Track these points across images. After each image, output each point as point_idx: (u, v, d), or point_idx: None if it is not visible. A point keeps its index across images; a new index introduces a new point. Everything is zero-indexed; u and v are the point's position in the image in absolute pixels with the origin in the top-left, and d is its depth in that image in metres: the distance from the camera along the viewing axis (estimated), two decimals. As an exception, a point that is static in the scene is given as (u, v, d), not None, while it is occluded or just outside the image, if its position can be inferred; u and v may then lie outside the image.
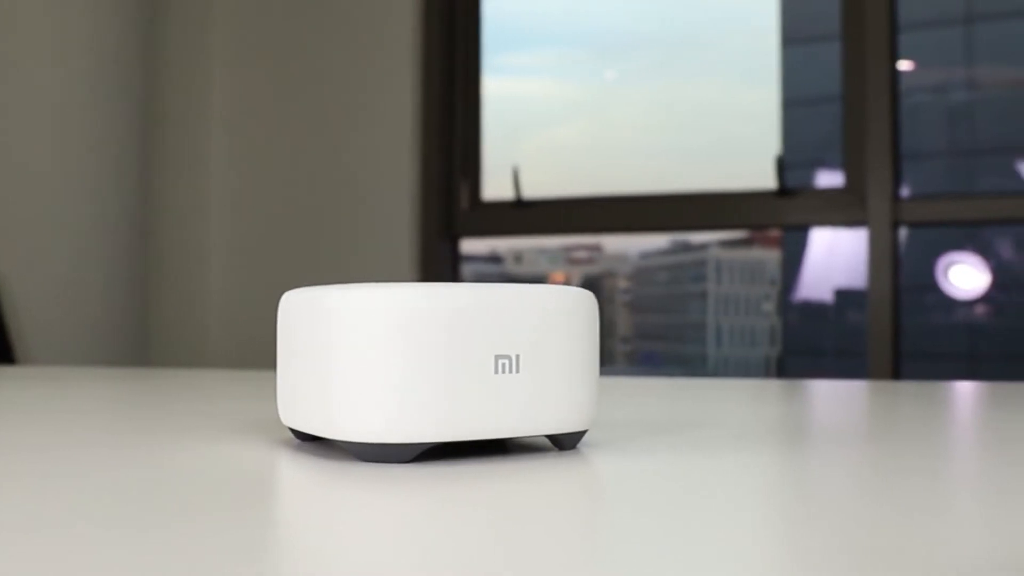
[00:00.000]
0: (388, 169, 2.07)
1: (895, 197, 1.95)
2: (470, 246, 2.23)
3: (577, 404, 0.41)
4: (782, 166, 2.04)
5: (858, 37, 1.99)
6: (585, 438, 0.46)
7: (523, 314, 0.39)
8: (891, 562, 0.24)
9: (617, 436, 0.47)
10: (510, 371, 0.39)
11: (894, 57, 1.99)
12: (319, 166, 2.09)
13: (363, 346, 0.38)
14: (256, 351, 2.07)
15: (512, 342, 0.39)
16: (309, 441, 0.44)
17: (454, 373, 0.38)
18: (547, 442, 0.44)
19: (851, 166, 2.00)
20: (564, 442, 0.41)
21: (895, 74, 1.98)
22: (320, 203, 2.08)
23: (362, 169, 2.07)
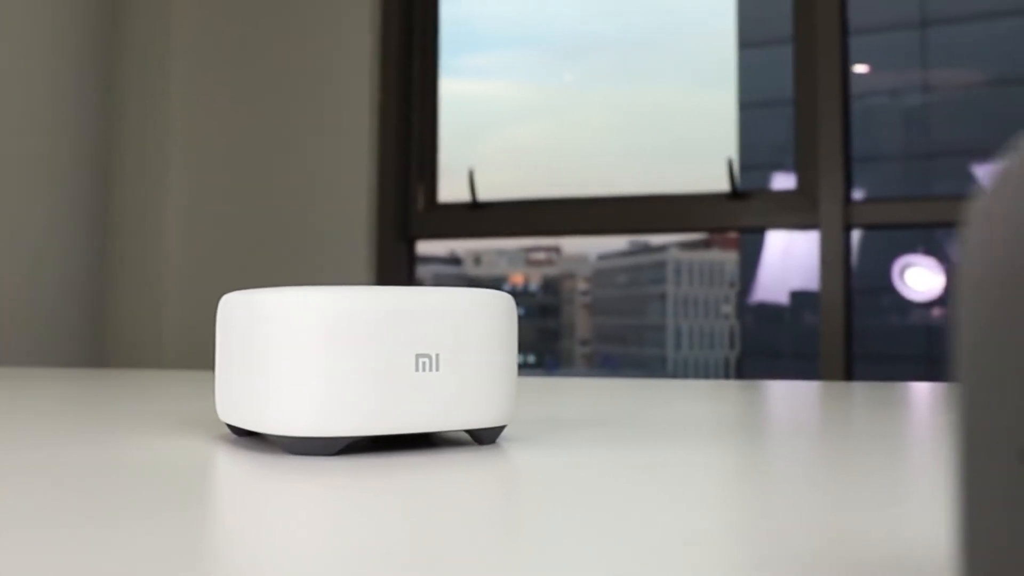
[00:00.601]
0: (345, 171, 2.08)
1: (847, 199, 1.98)
2: (430, 248, 2.25)
3: (495, 401, 0.43)
4: (733, 169, 2.08)
5: (809, 40, 2.02)
6: (504, 433, 0.48)
7: (443, 316, 0.42)
8: (780, 546, 0.26)
9: (535, 432, 0.49)
10: (430, 369, 0.41)
11: (845, 60, 2.02)
12: (276, 168, 2.10)
13: (291, 346, 0.40)
14: (211, 353, 2.08)
15: (432, 342, 0.41)
16: (244, 436, 0.47)
17: (376, 371, 0.40)
18: (467, 436, 0.46)
19: (803, 169, 2.03)
20: (483, 437, 0.44)
21: (846, 77, 2.02)
22: (277, 205, 2.09)
23: (319, 171, 2.08)
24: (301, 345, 0.40)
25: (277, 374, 0.40)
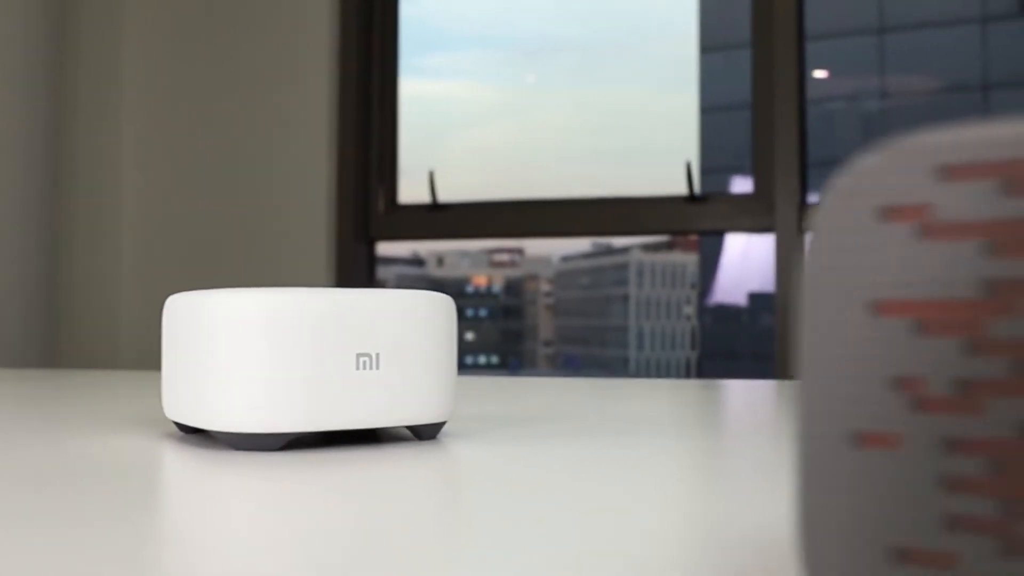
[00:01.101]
0: (304, 172, 2.08)
1: (802, 203, 2.01)
2: (392, 249, 2.26)
3: (434, 398, 0.45)
4: (691, 172, 2.10)
5: (767, 45, 2.04)
6: (447, 429, 0.50)
7: (383, 316, 0.43)
8: (718, 536, 0.28)
9: (478, 428, 0.51)
10: (371, 368, 0.43)
11: (802, 65, 2.04)
12: (234, 169, 2.10)
13: (235, 345, 0.41)
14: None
15: (373, 341, 0.43)
16: (191, 433, 0.48)
17: (317, 369, 0.42)
18: (408, 432, 0.48)
19: (760, 172, 2.05)
20: (423, 432, 0.45)
21: (803, 83, 2.05)
22: (236, 206, 2.09)
23: (278, 171, 2.08)
24: (244, 345, 0.41)
25: (221, 373, 0.42)
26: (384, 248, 2.28)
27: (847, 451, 0.15)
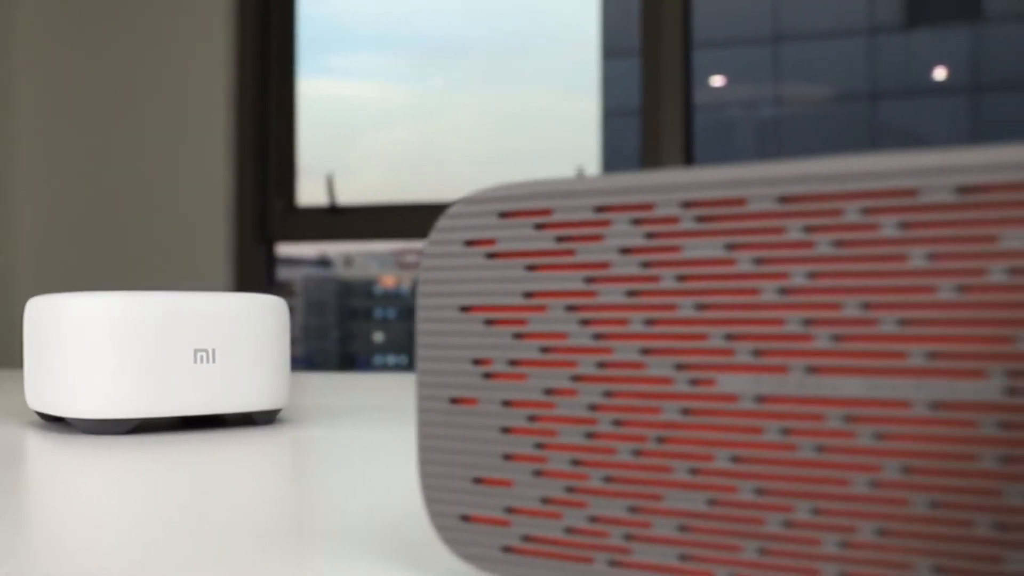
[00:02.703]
0: (202, 173, 2.10)
1: None
2: (299, 250, 2.29)
3: (268, 388, 0.51)
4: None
5: (654, 54, 2.11)
6: (285, 416, 0.56)
7: (219, 317, 0.49)
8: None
9: (313, 416, 0.57)
10: (208, 361, 0.49)
11: (688, 74, 2.12)
12: (130, 169, 2.11)
13: (86, 341, 0.47)
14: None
15: (209, 338, 0.49)
16: (51, 421, 0.53)
17: (159, 362, 0.48)
18: (246, 419, 0.54)
19: None
20: (259, 419, 0.52)
21: (689, 91, 2.12)
22: (132, 207, 2.10)
23: (175, 172, 2.10)
24: (94, 341, 0.47)
25: (74, 366, 0.48)
26: (290, 249, 2.30)
27: (446, 410, 0.22)
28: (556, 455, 0.21)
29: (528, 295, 0.21)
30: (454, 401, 0.22)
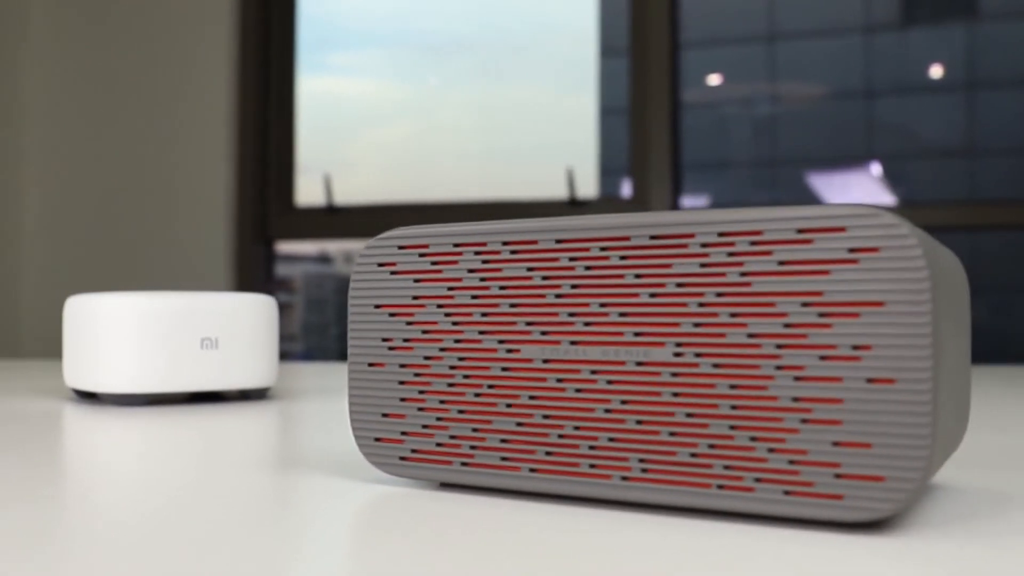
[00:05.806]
0: (203, 172, 2.11)
1: (674, 207, 2.10)
2: (299, 247, 2.36)
3: (260, 369, 0.63)
4: (572, 177, 2.17)
5: (642, 53, 2.11)
6: (274, 393, 0.69)
7: (221, 312, 0.61)
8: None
9: (297, 393, 0.70)
10: (212, 348, 0.61)
11: (675, 74, 2.11)
12: (133, 170, 2.13)
13: (115, 331, 0.59)
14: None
15: (213, 329, 0.61)
16: (84, 396, 0.66)
17: (172, 348, 0.60)
18: (242, 394, 0.66)
19: (636, 177, 2.10)
20: (252, 394, 0.64)
21: (676, 90, 2.13)
22: (135, 206, 2.13)
23: (177, 172, 2.10)
24: (121, 331, 0.59)
25: (105, 351, 0.60)
26: (290, 247, 2.35)
27: (365, 371, 0.34)
28: (431, 398, 0.33)
29: (415, 298, 0.33)
30: (370, 365, 0.34)
